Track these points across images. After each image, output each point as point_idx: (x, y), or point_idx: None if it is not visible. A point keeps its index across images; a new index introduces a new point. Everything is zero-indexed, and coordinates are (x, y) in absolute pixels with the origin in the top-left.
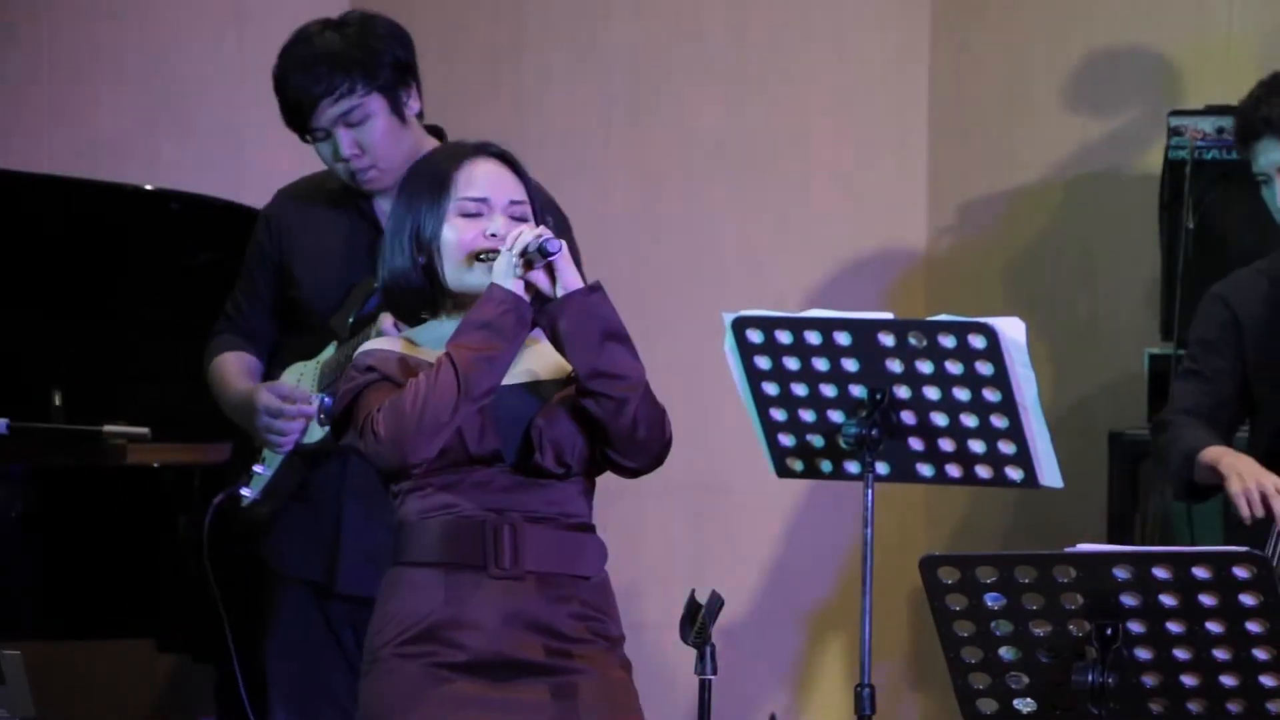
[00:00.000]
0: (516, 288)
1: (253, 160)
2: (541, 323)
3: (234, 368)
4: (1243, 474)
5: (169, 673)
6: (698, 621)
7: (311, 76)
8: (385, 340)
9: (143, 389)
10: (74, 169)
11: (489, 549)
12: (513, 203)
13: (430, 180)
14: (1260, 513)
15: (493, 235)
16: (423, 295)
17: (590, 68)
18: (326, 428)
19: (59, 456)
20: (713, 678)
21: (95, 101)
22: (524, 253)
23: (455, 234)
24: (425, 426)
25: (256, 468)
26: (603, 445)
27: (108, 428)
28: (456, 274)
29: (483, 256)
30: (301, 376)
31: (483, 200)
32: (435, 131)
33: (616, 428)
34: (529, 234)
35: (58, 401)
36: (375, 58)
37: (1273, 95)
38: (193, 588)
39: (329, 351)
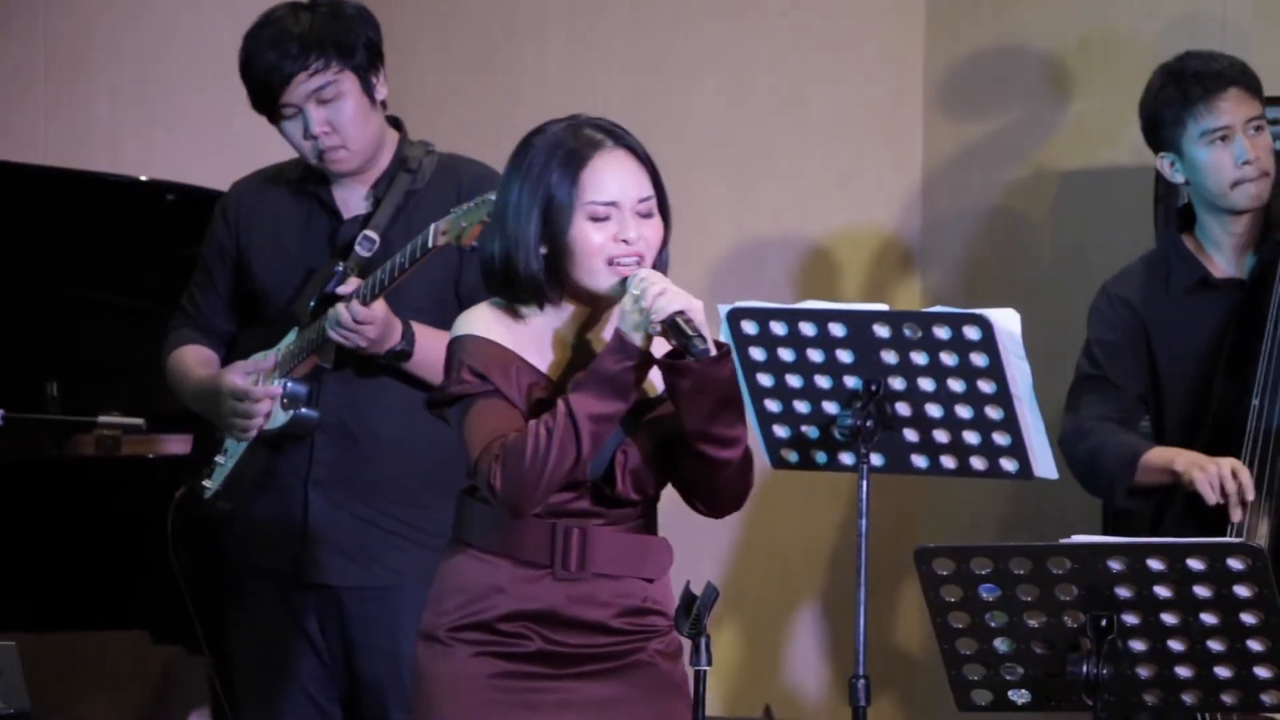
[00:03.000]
0: (642, 341)
1: (247, 151)
2: (662, 370)
3: (193, 359)
4: (1203, 464)
5: (164, 664)
6: (693, 613)
7: (284, 52)
8: (485, 315)
9: (138, 380)
10: (69, 160)
11: (557, 551)
12: (641, 200)
13: (559, 169)
14: (1221, 499)
15: (624, 241)
16: (538, 284)
17: (585, 59)
18: (290, 412)
19: (54, 447)
20: (707, 669)
21: (91, 93)
22: (663, 322)
23: (584, 236)
24: (543, 486)
25: (218, 458)
26: (688, 490)
27: (103, 418)
28: (585, 276)
29: (616, 265)
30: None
31: (612, 204)
32: (395, 123)
33: (710, 485)
34: (672, 305)
35: (53, 392)
36: (349, 37)
37: (1212, 59)
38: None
39: (290, 338)
